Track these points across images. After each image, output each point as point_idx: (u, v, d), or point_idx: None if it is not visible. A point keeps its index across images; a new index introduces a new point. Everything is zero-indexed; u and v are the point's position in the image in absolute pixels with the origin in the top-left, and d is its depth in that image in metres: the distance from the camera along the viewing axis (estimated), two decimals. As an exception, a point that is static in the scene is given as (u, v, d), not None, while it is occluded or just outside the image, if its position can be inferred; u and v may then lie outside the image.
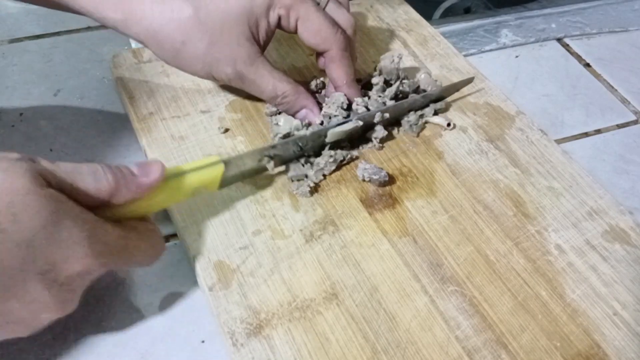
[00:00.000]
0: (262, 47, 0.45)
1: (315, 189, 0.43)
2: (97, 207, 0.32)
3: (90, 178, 0.31)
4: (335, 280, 0.38)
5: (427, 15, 0.62)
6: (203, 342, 0.37)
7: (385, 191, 0.43)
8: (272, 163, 0.42)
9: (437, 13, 0.83)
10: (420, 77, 0.50)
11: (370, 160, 0.45)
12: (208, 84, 0.50)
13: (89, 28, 0.59)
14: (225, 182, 0.39)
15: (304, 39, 0.45)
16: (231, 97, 0.49)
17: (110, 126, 0.49)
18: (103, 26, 0.58)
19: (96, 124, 0.49)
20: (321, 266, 0.38)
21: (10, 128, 0.48)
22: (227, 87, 0.50)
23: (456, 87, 0.51)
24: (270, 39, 0.46)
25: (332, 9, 0.46)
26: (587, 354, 0.35)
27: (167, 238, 0.42)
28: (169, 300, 0.38)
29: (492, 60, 0.59)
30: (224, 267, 0.38)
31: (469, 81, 0.51)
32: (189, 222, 0.40)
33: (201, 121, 0.47)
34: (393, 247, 0.40)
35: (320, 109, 0.46)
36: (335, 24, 0.45)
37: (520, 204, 0.43)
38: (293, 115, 0.46)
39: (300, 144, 0.43)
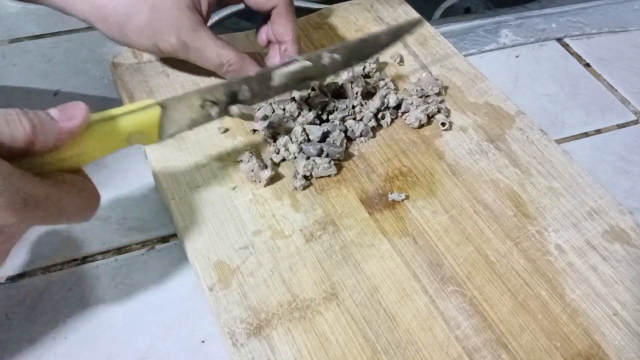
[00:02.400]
0: (205, 18, 0.46)
1: (309, 182, 0.43)
2: (18, 158, 0.29)
3: (3, 125, 0.28)
4: (335, 280, 0.38)
5: (427, 15, 0.62)
6: (203, 342, 0.37)
7: (385, 191, 0.43)
8: (215, 109, 0.38)
9: (437, 13, 0.83)
10: (422, 76, 0.50)
11: (370, 160, 0.45)
12: (208, 84, 0.50)
13: (89, 28, 0.59)
14: (166, 132, 0.36)
15: (248, 2, 0.46)
16: (231, 97, 0.49)
17: (110, 126, 0.49)
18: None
19: (96, 124, 0.49)
20: (321, 266, 0.38)
21: (10, 128, 0.48)
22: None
23: (404, 28, 0.49)
24: (212, 10, 0.47)
25: None
26: (587, 354, 0.35)
27: (167, 238, 0.42)
28: (168, 299, 0.39)
29: (492, 60, 0.59)
30: (224, 267, 0.38)
31: (416, 23, 0.49)
32: (189, 222, 0.40)
33: (201, 121, 0.47)
34: (393, 247, 0.40)
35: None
36: None
37: (520, 204, 0.43)
38: None
39: (245, 87, 0.40)
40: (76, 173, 0.32)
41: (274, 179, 0.43)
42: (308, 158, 0.42)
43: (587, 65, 0.60)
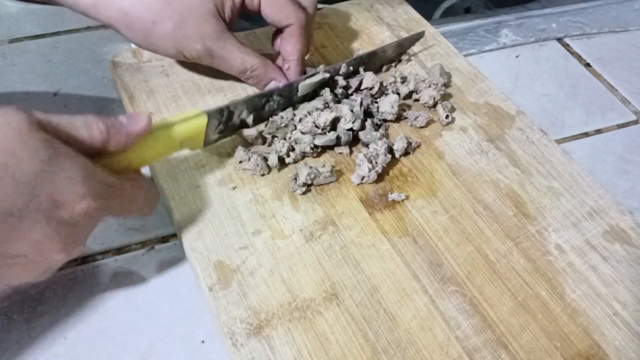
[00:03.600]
0: (229, 25, 0.47)
1: (309, 189, 0.43)
2: (93, 157, 0.33)
3: (84, 127, 0.32)
4: (335, 280, 0.38)
5: (427, 15, 0.62)
6: (203, 342, 0.37)
7: (385, 191, 0.43)
8: (251, 117, 0.45)
9: (437, 13, 0.83)
10: (433, 67, 0.51)
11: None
12: (208, 84, 0.50)
13: (88, 28, 0.59)
14: (209, 140, 0.42)
15: (266, 16, 0.47)
16: (231, 97, 0.49)
17: (110, 126, 0.49)
18: (103, 26, 0.58)
19: (96, 124, 0.49)
20: (321, 266, 0.38)
21: (10, 128, 0.48)
22: (225, 87, 0.50)
23: (409, 40, 0.54)
24: (237, 17, 0.48)
25: None
26: (587, 354, 0.35)
27: (167, 238, 0.42)
28: (169, 300, 0.39)
29: (492, 60, 0.59)
30: (224, 267, 0.38)
31: (419, 35, 0.55)
32: (189, 222, 0.40)
33: (201, 121, 0.47)
34: (393, 247, 0.40)
35: None
36: (296, 2, 0.47)
37: (521, 204, 0.43)
38: (262, 88, 0.48)
39: (274, 96, 0.45)
40: (137, 173, 0.37)
41: (276, 179, 0.43)
42: (311, 167, 0.43)
43: (587, 65, 0.60)
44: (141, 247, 0.41)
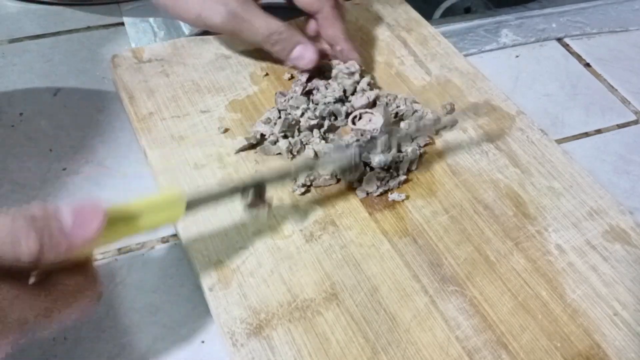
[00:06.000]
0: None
1: (308, 190, 0.43)
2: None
3: (8, 246, 0.25)
4: (335, 280, 0.38)
5: (427, 15, 0.62)
6: (203, 342, 0.37)
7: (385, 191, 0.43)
8: (245, 200, 0.37)
9: (437, 13, 0.83)
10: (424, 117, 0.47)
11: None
12: (208, 84, 0.50)
13: (88, 28, 0.59)
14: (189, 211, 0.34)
15: (297, 1, 0.48)
16: (231, 97, 0.49)
17: (110, 126, 0.49)
18: (103, 26, 0.59)
19: (96, 124, 0.49)
20: (321, 266, 0.38)
21: (10, 128, 0.48)
22: (225, 87, 0.50)
23: (469, 114, 0.49)
24: None
25: None
26: (587, 354, 0.35)
27: (167, 238, 0.42)
28: (169, 299, 0.38)
29: (492, 60, 0.59)
30: (224, 267, 0.38)
31: (483, 107, 0.50)
32: (189, 222, 0.40)
33: (201, 121, 0.47)
34: (393, 247, 0.40)
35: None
36: None
37: (521, 204, 0.43)
38: (288, 56, 0.48)
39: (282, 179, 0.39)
40: (78, 269, 0.29)
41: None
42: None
43: (588, 65, 0.60)
44: (141, 247, 0.41)
